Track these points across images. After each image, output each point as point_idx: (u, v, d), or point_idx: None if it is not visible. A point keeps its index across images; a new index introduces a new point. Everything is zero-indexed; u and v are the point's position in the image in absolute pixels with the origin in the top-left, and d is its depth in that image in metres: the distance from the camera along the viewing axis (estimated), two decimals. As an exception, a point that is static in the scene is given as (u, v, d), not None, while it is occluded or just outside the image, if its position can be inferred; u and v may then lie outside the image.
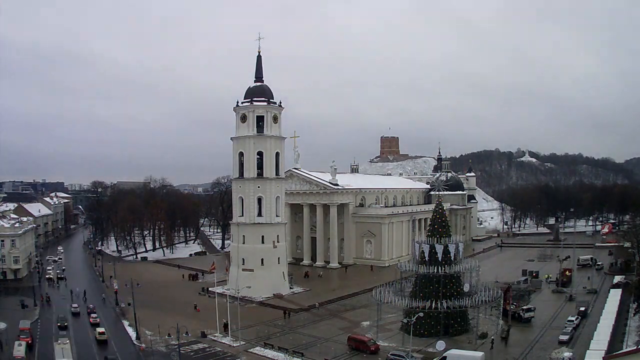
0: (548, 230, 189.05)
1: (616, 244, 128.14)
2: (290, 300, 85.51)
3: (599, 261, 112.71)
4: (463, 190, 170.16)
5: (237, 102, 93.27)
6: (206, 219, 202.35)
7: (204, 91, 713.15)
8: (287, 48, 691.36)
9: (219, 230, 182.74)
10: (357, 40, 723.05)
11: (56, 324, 69.95)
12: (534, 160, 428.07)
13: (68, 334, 64.45)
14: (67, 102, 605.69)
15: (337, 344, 61.36)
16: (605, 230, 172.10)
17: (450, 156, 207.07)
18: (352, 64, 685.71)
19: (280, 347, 58.86)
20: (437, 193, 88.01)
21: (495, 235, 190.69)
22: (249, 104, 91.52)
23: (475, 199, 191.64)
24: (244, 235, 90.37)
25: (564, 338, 59.13)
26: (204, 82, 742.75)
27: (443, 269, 62.59)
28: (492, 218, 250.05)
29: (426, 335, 61.16)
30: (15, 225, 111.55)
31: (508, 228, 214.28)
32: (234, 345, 61.74)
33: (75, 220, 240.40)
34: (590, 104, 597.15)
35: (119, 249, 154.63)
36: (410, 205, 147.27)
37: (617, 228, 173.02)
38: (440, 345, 52.04)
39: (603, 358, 44.61)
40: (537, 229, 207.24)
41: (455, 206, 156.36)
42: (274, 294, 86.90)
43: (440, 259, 62.69)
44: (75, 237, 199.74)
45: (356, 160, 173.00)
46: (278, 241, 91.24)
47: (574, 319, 66.24)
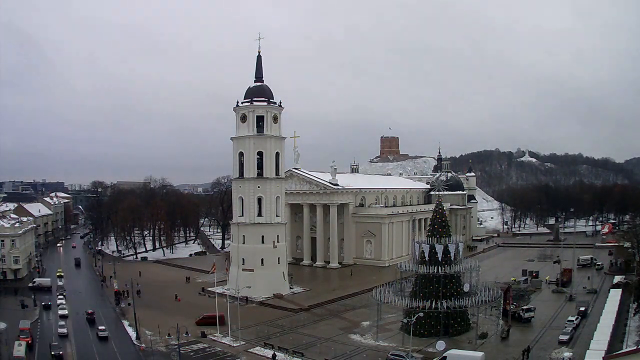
0: (548, 230, 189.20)
1: (616, 244, 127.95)
2: (290, 300, 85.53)
3: (599, 261, 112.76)
4: (463, 190, 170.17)
5: (237, 102, 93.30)
6: (206, 219, 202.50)
7: (204, 90, 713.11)
8: (288, 48, 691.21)
9: (219, 230, 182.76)
10: (357, 40, 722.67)
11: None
12: (534, 160, 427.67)
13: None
14: (68, 103, 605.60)
15: (337, 344, 61.40)
16: (605, 230, 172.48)
17: (450, 156, 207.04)
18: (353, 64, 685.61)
19: (281, 347, 58.89)
20: (437, 193, 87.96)
21: (495, 235, 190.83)
22: (249, 104, 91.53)
23: (475, 199, 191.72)
24: (244, 235, 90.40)
25: (564, 338, 59.20)
26: (205, 82, 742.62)
27: (443, 269, 62.65)
28: (492, 218, 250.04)
29: (426, 335, 61.23)
30: (15, 225, 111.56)
31: (508, 228, 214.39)
32: (234, 345, 61.76)
33: (75, 220, 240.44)
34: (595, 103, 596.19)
35: (119, 249, 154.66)
36: (410, 205, 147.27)
37: (617, 228, 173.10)
38: (440, 345, 52.16)
39: (603, 358, 44.60)
40: (537, 229, 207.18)
41: (455, 206, 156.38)
42: (274, 294, 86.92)
43: (440, 259, 62.76)
44: (75, 237, 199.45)
45: (356, 160, 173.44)
46: (278, 241, 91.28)
47: (574, 319, 66.30)
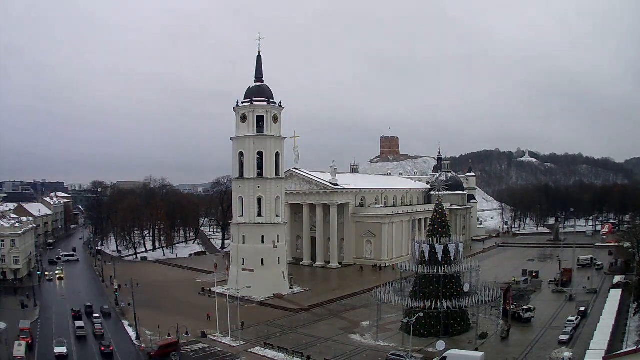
0: (548, 230, 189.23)
1: (616, 244, 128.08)
2: (290, 300, 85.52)
3: (599, 261, 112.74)
4: (463, 190, 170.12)
5: (237, 102, 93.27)
6: (206, 219, 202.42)
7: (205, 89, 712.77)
8: (287, 48, 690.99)
9: (219, 230, 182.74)
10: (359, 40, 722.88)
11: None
12: (534, 160, 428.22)
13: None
14: (68, 102, 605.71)
15: (337, 344, 61.41)
16: (605, 230, 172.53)
17: (450, 156, 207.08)
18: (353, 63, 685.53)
19: (280, 347, 58.88)
20: (437, 193, 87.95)
21: (495, 235, 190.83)
22: (249, 104, 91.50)
23: (475, 199, 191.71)
24: (244, 235, 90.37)
25: (564, 338, 59.19)
26: (205, 82, 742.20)
27: (443, 269, 62.65)
28: (492, 218, 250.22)
29: (426, 335, 61.25)
30: (15, 225, 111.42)
31: (508, 228, 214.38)
32: (234, 345, 61.75)
33: (75, 220, 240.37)
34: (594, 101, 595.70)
35: (119, 249, 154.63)
36: (410, 205, 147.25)
37: (617, 228, 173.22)
38: (440, 345, 52.20)
39: (603, 358, 44.62)
40: (537, 229, 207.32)
41: (455, 206, 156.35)
42: (274, 294, 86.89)
43: (440, 259, 62.76)
44: (75, 237, 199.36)
45: (356, 160, 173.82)
46: (278, 241, 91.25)
47: (574, 319, 66.30)
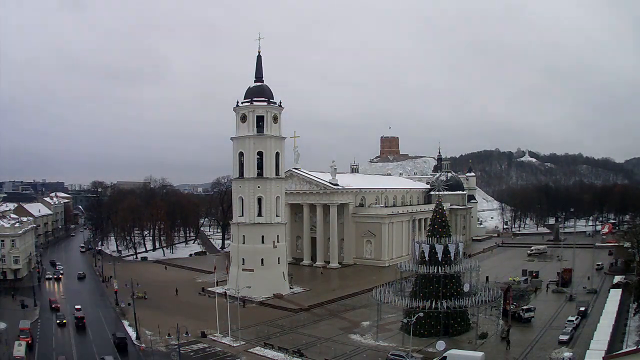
0: (548, 230, 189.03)
1: (616, 244, 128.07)
2: (290, 300, 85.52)
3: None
4: (463, 190, 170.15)
5: (237, 102, 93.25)
6: (206, 219, 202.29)
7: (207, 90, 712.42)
8: (288, 47, 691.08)
9: (219, 230, 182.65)
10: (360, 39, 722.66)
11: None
12: (534, 160, 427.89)
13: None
14: (68, 102, 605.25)
15: (337, 344, 61.38)
16: (605, 230, 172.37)
17: (450, 156, 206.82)
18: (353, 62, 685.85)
19: (280, 347, 58.89)
20: (437, 193, 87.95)
21: (495, 235, 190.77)
22: (249, 104, 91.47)
23: (475, 199, 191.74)
24: (244, 235, 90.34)
25: (564, 338, 59.11)
26: (205, 81, 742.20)
27: (443, 269, 62.63)
28: (492, 218, 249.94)
29: (426, 335, 61.20)
30: (15, 225, 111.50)
31: (508, 228, 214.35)
32: (234, 345, 61.74)
33: (75, 220, 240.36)
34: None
35: (119, 249, 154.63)
36: (410, 205, 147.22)
37: (617, 228, 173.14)
38: (440, 345, 52.16)
39: (603, 358, 44.59)
40: (537, 229, 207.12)
41: (455, 206, 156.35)
42: (274, 294, 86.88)
43: (440, 259, 62.75)
44: (75, 237, 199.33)
45: (356, 160, 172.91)
46: (278, 241, 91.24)
47: (574, 319, 66.22)
